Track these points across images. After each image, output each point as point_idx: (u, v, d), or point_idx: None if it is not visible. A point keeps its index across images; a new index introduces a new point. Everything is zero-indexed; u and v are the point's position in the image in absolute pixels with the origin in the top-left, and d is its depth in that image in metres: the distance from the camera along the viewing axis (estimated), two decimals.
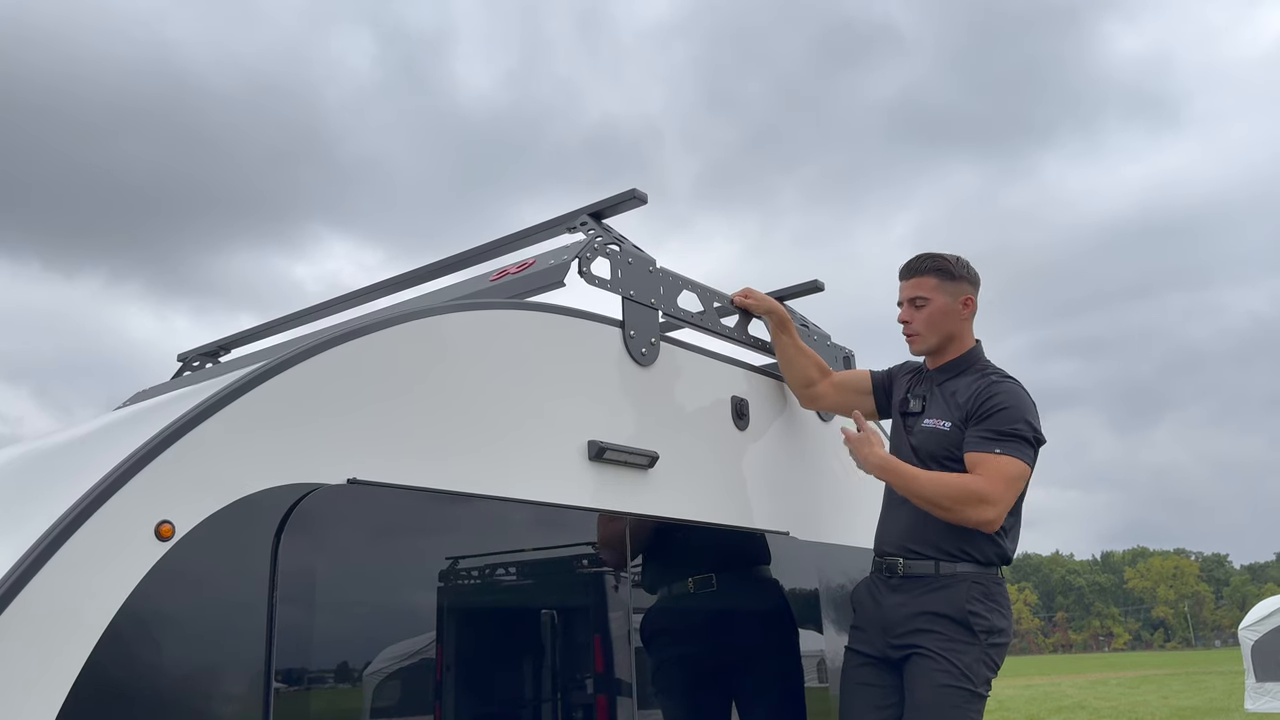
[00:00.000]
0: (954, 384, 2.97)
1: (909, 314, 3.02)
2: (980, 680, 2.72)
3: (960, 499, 2.71)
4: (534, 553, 2.43)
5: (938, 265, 3.01)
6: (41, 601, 1.52)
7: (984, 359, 3.04)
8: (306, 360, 1.95)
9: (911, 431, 2.98)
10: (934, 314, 2.98)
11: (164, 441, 1.71)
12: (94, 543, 1.58)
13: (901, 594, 2.83)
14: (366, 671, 1.96)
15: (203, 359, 4.01)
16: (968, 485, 2.72)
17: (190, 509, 1.71)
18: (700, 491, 2.84)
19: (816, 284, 3.72)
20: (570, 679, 2.44)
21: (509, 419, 2.33)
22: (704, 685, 2.98)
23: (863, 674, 2.88)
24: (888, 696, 2.81)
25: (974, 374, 2.96)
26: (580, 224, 2.89)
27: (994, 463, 2.73)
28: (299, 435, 1.91)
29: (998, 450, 2.75)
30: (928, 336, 3.00)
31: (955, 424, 2.85)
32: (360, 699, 1.94)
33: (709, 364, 3.05)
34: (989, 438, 2.77)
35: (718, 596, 2.96)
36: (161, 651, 1.67)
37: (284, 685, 1.78)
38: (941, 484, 2.75)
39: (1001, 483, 2.72)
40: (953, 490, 2.73)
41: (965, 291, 3.01)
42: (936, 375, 3.04)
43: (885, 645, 2.83)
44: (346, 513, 1.96)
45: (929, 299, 2.98)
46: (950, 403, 2.92)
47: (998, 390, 2.85)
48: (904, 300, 3.05)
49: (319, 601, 1.89)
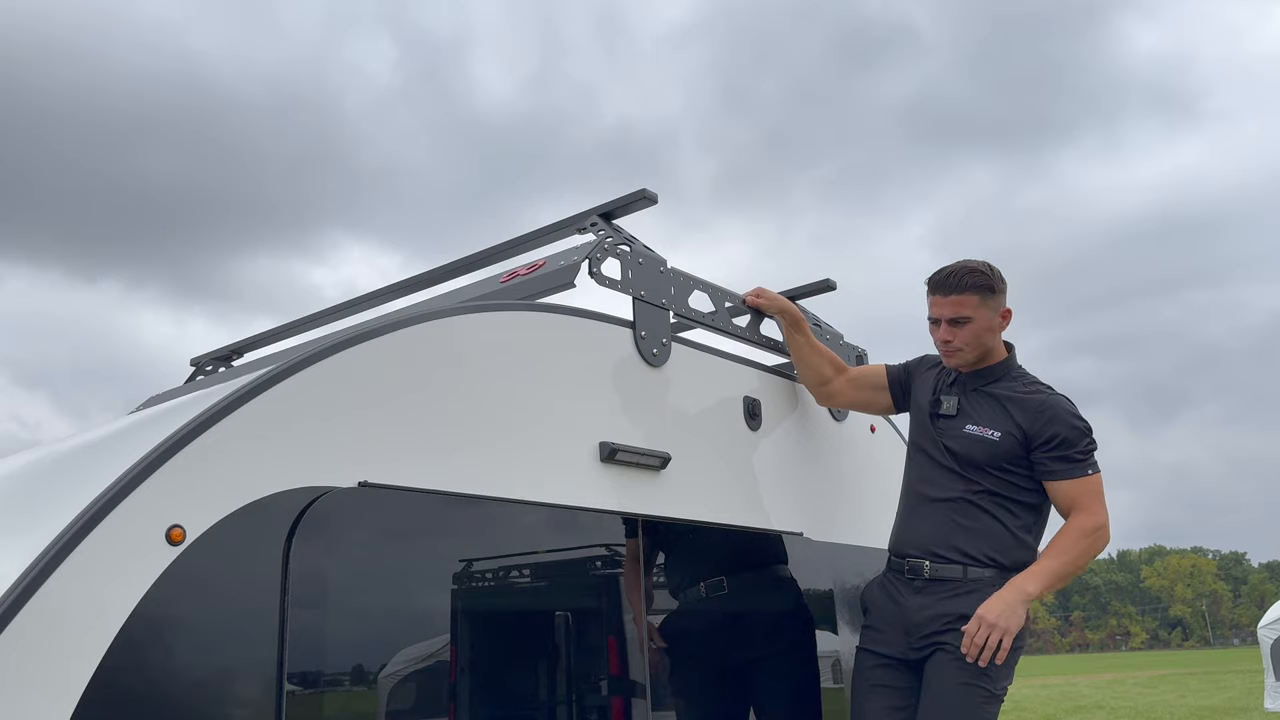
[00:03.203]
0: (995, 390, 2.91)
1: (949, 333, 2.89)
2: (997, 681, 2.71)
3: (1094, 539, 2.77)
4: (546, 555, 2.42)
5: (979, 282, 2.87)
6: (54, 606, 1.52)
7: (1018, 365, 2.99)
8: (316, 364, 1.95)
9: (945, 434, 2.92)
10: (979, 332, 2.88)
11: (174, 446, 1.71)
12: (105, 548, 1.58)
13: (926, 596, 2.80)
14: (379, 675, 1.96)
15: (215, 363, 4.03)
16: (1094, 525, 2.76)
17: (201, 513, 1.71)
18: (713, 492, 2.82)
19: (828, 283, 3.70)
20: (584, 681, 2.43)
21: (520, 421, 2.32)
22: (719, 687, 2.97)
23: (878, 675, 2.85)
24: (904, 698, 2.78)
25: (1015, 380, 2.93)
26: (590, 225, 2.88)
27: (1090, 486, 2.79)
28: (309, 439, 1.90)
29: (1090, 471, 2.80)
30: (970, 353, 2.91)
31: (1007, 434, 2.82)
32: (373, 702, 1.93)
33: (721, 364, 3.04)
34: (1078, 460, 2.79)
35: (732, 598, 2.95)
36: (173, 655, 1.66)
37: (296, 689, 1.78)
38: (1082, 551, 2.77)
39: (1102, 503, 2.80)
40: (1091, 547, 2.77)
41: (1003, 304, 2.93)
42: (971, 380, 2.96)
43: (906, 646, 2.80)
44: (358, 516, 1.96)
45: (972, 317, 2.86)
46: (996, 410, 2.87)
47: (1055, 407, 2.83)
48: (941, 318, 2.90)
49: (330, 605, 1.88)
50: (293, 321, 3.72)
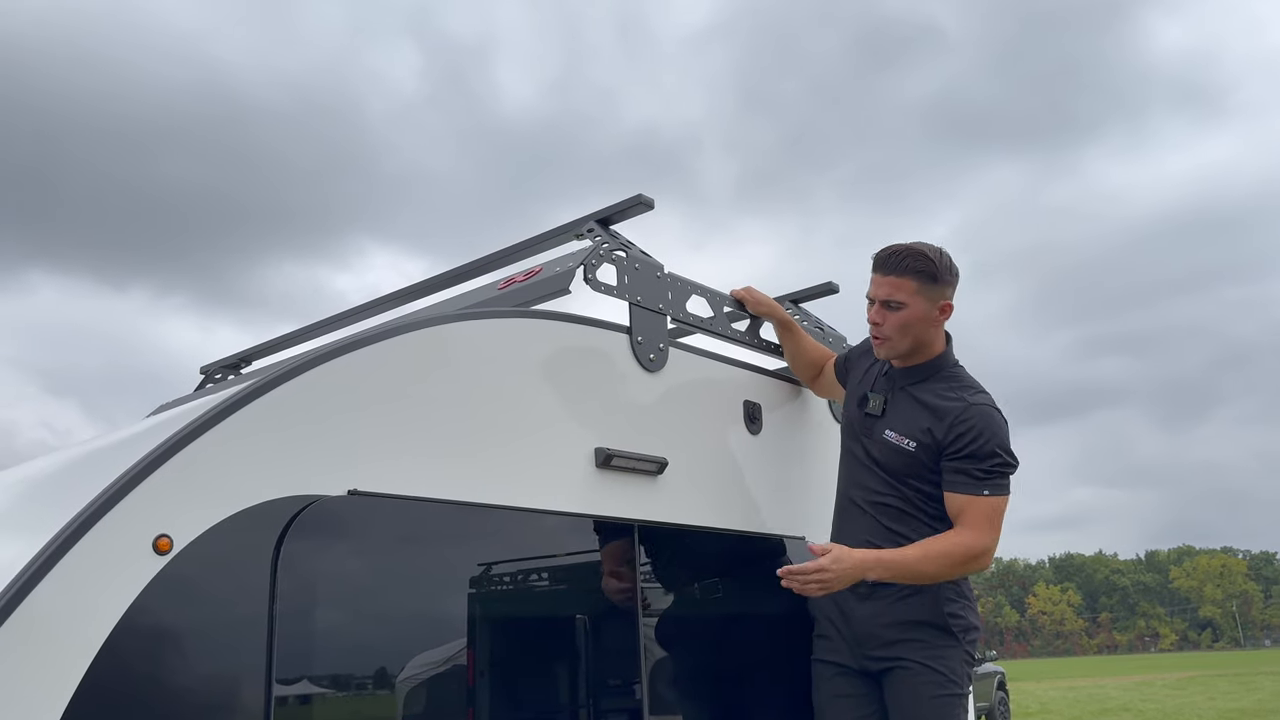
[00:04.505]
0: (921, 391, 2.78)
1: (880, 315, 2.76)
2: (965, 681, 2.69)
3: (962, 564, 2.62)
4: (540, 563, 2.42)
5: (921, 266, 2.71)
6: (39, 617, 1.53)
7: (954, 364, 2.84)
8: (306, 372, 1.95)
9: (870, 436, 2.83)
10: (909, 321, 2.73)
11: (161, 456, 1.71)
12: (91, 558, 1.59)
13: (872, 603, 2.73)
14: (370, 685, 1.97)
15: (224, 371, 4.06)
16: (965, 549, 2.61)
17: (188, 522, 1.72)
18: (711, 497, 2.82)
19: (831, 286, 3.69)
20: (579, 690, 2.43)
21: (513, 428, 2.32)
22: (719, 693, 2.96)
23: (838, 685, 2.79)
24: (866, 705, 2.74)
25: (943, 382, 2.78)
26: (587, 230, 2.88)
27: (982, 507, 2.62)
28: (298, 447, 1.91)
29: (986, 492, 2.62)
30: (897, 344, 2.77)
31: (922, 445, 2.70)
32: (363, 713, 1.94)
33: (720, 368, 3.03)
34: (977, 478, 2.63)
35: (734, 601, 2.94)
36: (160, 665, 1.67)
37: (285, 699, 1.78)
38: (941, 560, 2.61)
39: (992, 527, 2.63)
40: (954, 560, 2.61)
41: (945, 296, 2.76)
42: (901, 376, 2.84)
43: (860, 658, 2.75)
44: (347, 524, 1.97)
45: (906, 304, 2.72)
46: (917, 415, 2.74)
47: (973, 417, 2.66)
48: (876, 298, 2.77)
49: (319, 615, 1.89)
50: (298, 329, 3.75)
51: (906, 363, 2.84)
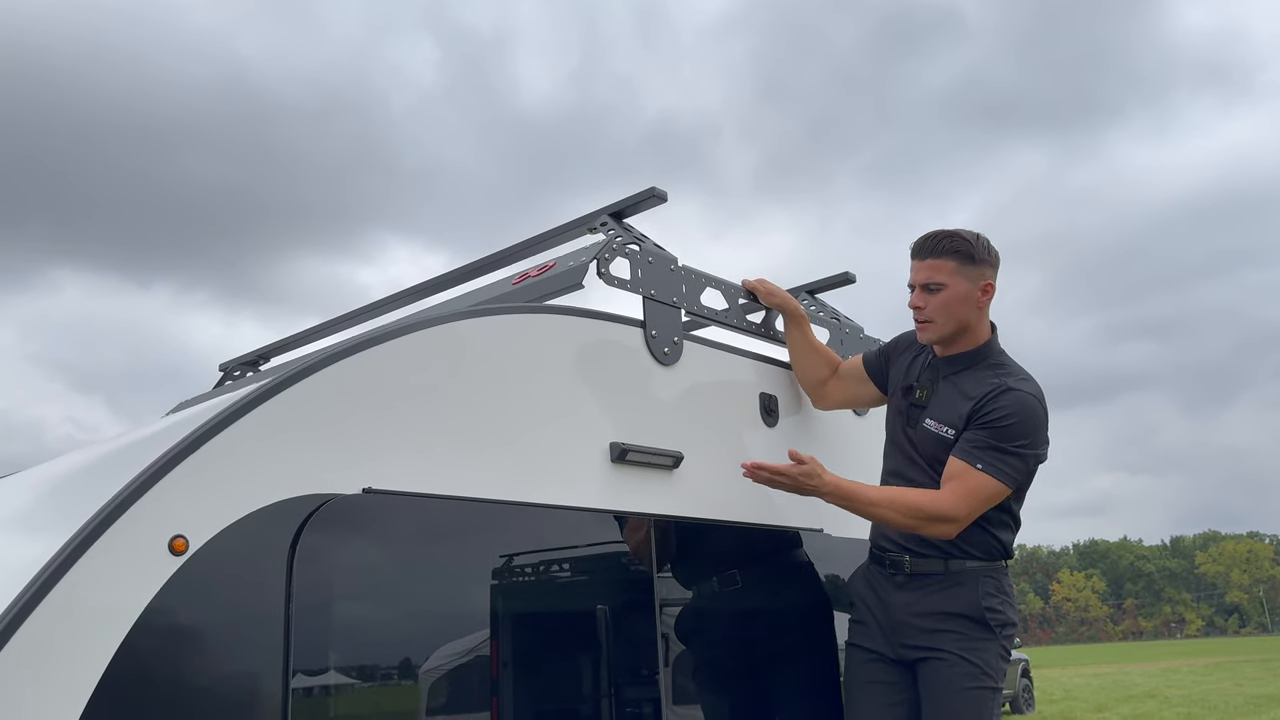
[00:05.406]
0: (963, 378, 2.78)
1: (922, 299, 2.78)
2: (999, 675, 2.67)
3: (922, 519, 2.63)
4: (557, 557, 2.42)
5: (957, 247, 2.74)
6: (57, 617, 1.54)
7: (999, 352, 2.84)
8: (319, 371, 1.96)
9: (913, 424, 2.83)
10: (951, 301, 2.74)
11: (176, 457, 1.72)
12: (108, 559, 1.60)
13: (909, 592, 2.73)
14: (388, 682, 1.97)
15: (243, 368, 4.08)
16: (928, 507, 2.62)
17: (204, 523, 1.73)
18: (728, 490, 2.81)
19: (848, 276, 3.67)
20: (598, 684, 2.43)
21: (528, 423, 2.32)
22: (739, 685, 2.96)
23: (871, 670, 2.79)
24: (898, 693, 2.73)
25: (987, 369, 2.78)
26: (600, 224, 2.88)
27: (970, 479, 2.62)
28: (312, 445, 1.91)
29: (980, 466, 2.62)
30: (942, 326, 2.77)
31: (960, 432, 2.70)
32: (381, 710, 1.95)
33: (736, 361, 3.02)
34: (979, 447, 2.64)
35: (752, 594, 2.93)
36: (178, 665, 1.69)
37: (302, 698, 1.79)
38: (901, 507, 2.64)
39: (968, 502, 2.62)
40: (917, 515, 2.63)
41: (986, 276, 2.77)
42: (944, 365, 2.84)
43: (895, 646, 2.75)
44: (363, 522, 1.97)
45: (945, 284, 2.73)
46: (957, 403, 2.74)
47: (1007, 399, 2.66)
48: (916, 283, 2.80)
49: (336, 613, 1.90)
50: (316, 325, 3.76)
51: (949, 350, 2.84)
